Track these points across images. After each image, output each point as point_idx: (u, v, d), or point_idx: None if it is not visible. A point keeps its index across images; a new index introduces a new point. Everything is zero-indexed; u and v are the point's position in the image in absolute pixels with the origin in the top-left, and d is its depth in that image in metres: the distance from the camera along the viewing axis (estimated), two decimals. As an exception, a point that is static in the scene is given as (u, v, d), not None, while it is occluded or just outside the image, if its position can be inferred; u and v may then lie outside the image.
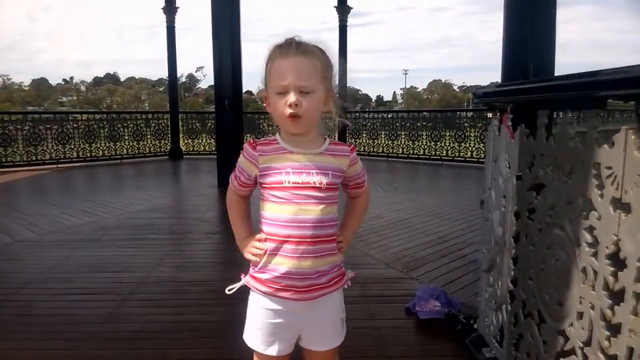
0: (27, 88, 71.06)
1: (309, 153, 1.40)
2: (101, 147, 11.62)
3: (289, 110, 1.32)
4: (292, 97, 1.32)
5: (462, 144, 10.98)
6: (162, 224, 5.35)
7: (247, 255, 1.47)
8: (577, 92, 1.47)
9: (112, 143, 11.77)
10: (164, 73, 12.90)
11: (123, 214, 5.76)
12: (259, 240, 1.44)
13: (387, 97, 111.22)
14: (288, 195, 1.37)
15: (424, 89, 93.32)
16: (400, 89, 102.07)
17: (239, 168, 1.45)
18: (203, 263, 3.97)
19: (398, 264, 3.79)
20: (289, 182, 1.37)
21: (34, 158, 10.57)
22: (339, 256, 1.50)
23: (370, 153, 12.06)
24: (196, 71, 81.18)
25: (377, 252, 4.12)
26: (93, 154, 11.44)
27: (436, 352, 2.48)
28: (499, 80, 2.55)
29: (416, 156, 11.51)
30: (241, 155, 1.43)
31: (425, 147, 11.50)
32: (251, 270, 1.48)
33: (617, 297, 1.36)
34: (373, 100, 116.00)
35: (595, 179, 1.42)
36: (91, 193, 7.34)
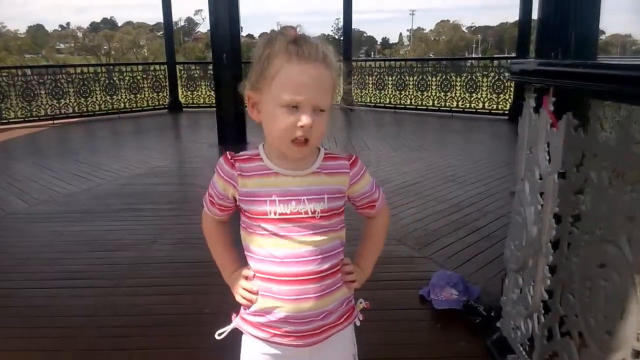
0: (23, 35, 69.45)
1: (298, 175, 1.12)
2: (98, 102, 11.24)
3: (298, 133, 1.04)
4: (306, 119, 1.03)
5: (474, 94, 10.50)
6: (160, 191, 5.11)
7: (238, 298, 1.21)
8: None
9: (108, 97, 11.37)
10: (160, 17, 12.22)
11: (119, 178, 5.51)
12: (247, 278, 1.18)
13: (393, 39, 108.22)
14: (275, 228, 1.11)
15: (431, 30, 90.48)
16: (407, 30, 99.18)
17: (214, 190, 1.18)
18: (203, 239, 3.74)
19: (410, 239, 3.55)
20: (275, 214, 1.10)
21: (29, 114, 10.24)
22: (345, 292, 1.25)
23: (377, 104, 11.61)
24: (195, 14, 78.85)
25: (387, 224, 3.87)
26: (89, 109, 11.09)
27: (455, 352, 2.26)
28: (514, 23, 2.21)
29: (425, 107, 11.05)
30: (216, 173, 1.16)
31: (435, 97, 11.03)
32: (242, 310, 1.23)
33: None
34: (378, 43, 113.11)
35: (671, 198, 1.13)
36: (86, 154, 7.06)
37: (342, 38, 14.12)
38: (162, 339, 2.38)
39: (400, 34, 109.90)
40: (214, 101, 10.64)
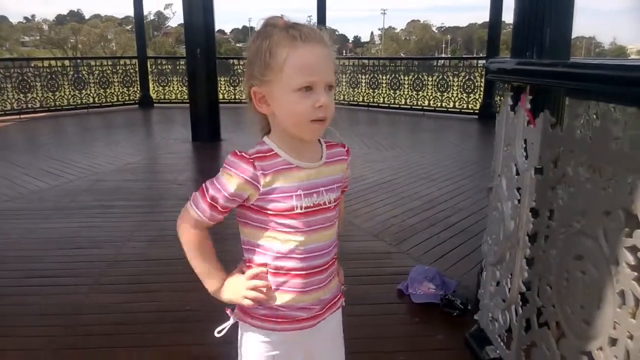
0: (-15, 27, 67.08)
1: (315, 166, 1.13)
2: (66, 96, 10.96)
3: (318, 114, 1.05)
4: (324, 98, 1.04)
5: (445, 93, 10.67)
6: (133, 187, 5.03)
7: (246, 301, 1.14)
8: (632, 89, 1.21)
9: (77, 91, 11.09)
10: (130, 10, 11.97)
11: (90, 175, 5.40)
12: (259, 277, 1.14)
13: (365, 37, 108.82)
14: (298, 223, 1.10)
15: (402, 29, 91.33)
16: (379, 29, 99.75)
17: (222, 192, 1.08)
18: (177, 236, 3.69)
19: (386, 235, 3.60)
20: (301, 208, 1.09)
21: (-6, 109, 9.93)
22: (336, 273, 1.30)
23: (351, 102, 11.67)
24: (165, 8, 77.49)
25: (363, 221, 3.92)
26: (57, 103, 10.80)
27: (433, 345, 2.33)
28: (486, 21, 2.26)
29: (397, 106, 11.17)
30: (228, 174, 1.08)
31: (407, 96, 11.15)
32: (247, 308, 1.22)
33: (666, 334, 1.17)
34: (350, 42, 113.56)
35: (645, 193, 1.19)
36: (56, 149, 6.89)
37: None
38: (145, 337, 2.36)
39: (372, 32, 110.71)
40: (186, 97, 10.55)
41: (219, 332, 1.22)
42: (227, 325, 1.23)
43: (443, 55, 76.40)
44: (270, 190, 1.08)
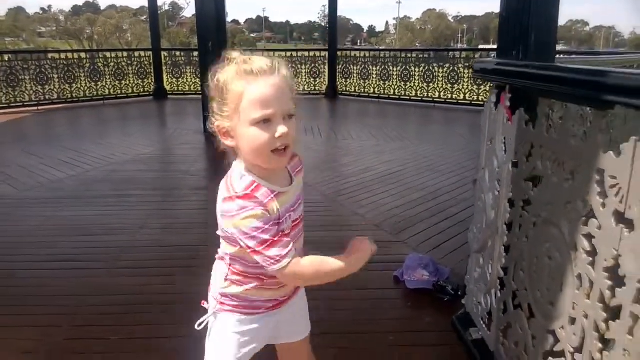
0: (3, 19, 67.92)
1: (290, 188, 1.25)
2: (82, 88, 11.21)
3: (277, 144, 1.13)
4: (281, 129, 1.11)
5: (455, 85, 10.71)
6: (147, 177, 5.23)
7: (365, 260, 1.33)
8: (584, 91, 1.34)
9: (93, 83, 11.34)
10: (145, 1, 12.05)
11: (106, 165, 5.62)
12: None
13: (380, 27, 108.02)
14: (286, 241, 1.19)
15: (417, 19, 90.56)
16: (394, 19, 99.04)
17: (267, 225, 1.13)
18: (189, 224, 3.88)
19: (387, 225, 3.75)
20: (288, 228, 1.23)
21: (13, 100, 10.19)
22: None
23: (361, 94, 11.76)
24: (180, -1, 77.88)
25: (367, 211, 4.07)
26: (74, 95, 11.05)
27: (423, 327, 2.47)
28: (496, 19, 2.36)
29: (408, 97, 11.24)
30: (251, 214, 1.12)
31: (418, 87, 11.21)
32: (229, 300, 1.34)
33: (613, 312, 1.31)
34: (364, 31, 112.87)
35: (597, 185, 1.32)
36: (73, 140, 7.12)
37: (327, 26, 14.11)
38: (157, 316, 2.54)
39: (387, 22, 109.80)
40: (199, 88, 10.73)
41: (199, 325, 1.37)
42: (206, 317, 1.37)
43: (459, 45, 75.63)
44: (274, 217, 1.17)
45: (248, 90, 1.11)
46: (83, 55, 11.89)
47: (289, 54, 12.33)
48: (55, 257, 3.24)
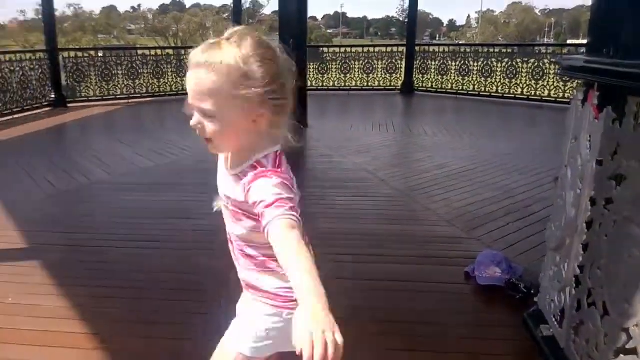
0: (97, 16, 72.80)
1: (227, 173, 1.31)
2: (169, 82, 11.84)
3: (196, 131, 1.17)
4: (192, 121, 1.14)
5: (540, 81, 10.25)
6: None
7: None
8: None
9: (179, 78, 11.94)
10: None
11: (193, 155, 5.93)
12: None
13: (460, 21, 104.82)
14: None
15: (501, 12, 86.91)
16: (476, 12, 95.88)
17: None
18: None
19: (460, 222, 3.72)
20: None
21: (106, 93, 10.97)
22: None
23: (438, 90, 11.55)
24: (261, -4, 79.77)
25: (439, 207, 4.05)
26: (161, 89, 11.71)
27: (493, 322, 2.47)
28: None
29: (488, 94, 10.89)
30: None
31: (499, 83, 10.83)
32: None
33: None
34: (444, 25, 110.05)
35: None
36: (162, 132, 7.59)
37: (407, 20, 13.92)
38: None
39: (469, 15, 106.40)
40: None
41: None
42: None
43: (545, 40, 71.93)
44: None
45: None
46: (170, 52, 12.55)
47: (365, 49, 12.34)
48: (149, 237, 3.52)
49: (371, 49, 12.36)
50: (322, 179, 4.97)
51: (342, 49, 12.52)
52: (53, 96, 9.88)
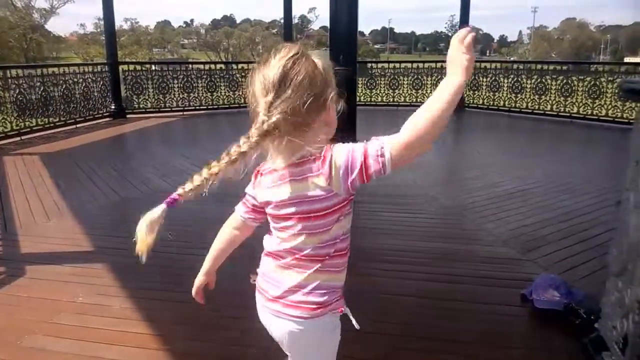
0: (152, 31, 75.77)
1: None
2: (221, 96, 12.19)
3: None
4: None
5: (597, 100, 9.94)
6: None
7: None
8: None
9: (231, 92, 12.28)
10: (276, 15, 12.99)
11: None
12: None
13: (512, 37, 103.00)
14: None
15: (555, 28, 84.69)
16: (528, 28, 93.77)
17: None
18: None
19: (515, 243, 3.67)
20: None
21: (163, 105, 11.41)
22: None
23: (490, 107, 11.38)
24: (308, 12, 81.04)
25: (494, 227, 4.01)
26: (214, 102, 12.06)
27: (550, 347, 2.43)
28: None
29: (542, 112, 10.63)
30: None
31: (554, 101, 10.57)
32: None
33: None
34: (495, 41, 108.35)
35: None
36: (215, 143, 7.82)
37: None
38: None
39: (520, 31, 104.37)
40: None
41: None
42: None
43: (601, 57, 69.57)
44: None
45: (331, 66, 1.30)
46: (222, 66, 12.93)
47: (414, 65, 12.33)
48: (202, 245, 3.57)
49: (420, 65, 12.34)
50: (372, 194, 5.00)
51: (391, 65, 12.56)
52: (113, 107, 10.40)
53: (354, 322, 1.34)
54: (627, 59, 42.91)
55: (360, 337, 2.45)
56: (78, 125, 9.34)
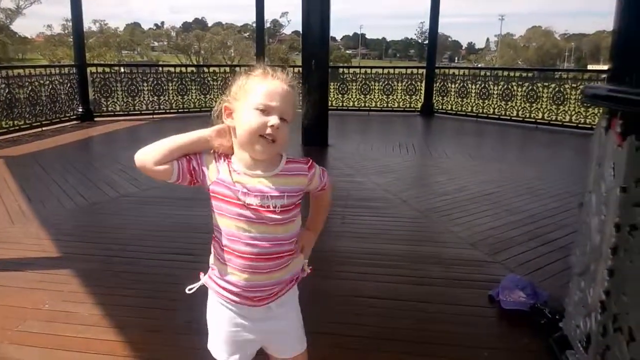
0: (121, 33, 74.42)
1: (262, 176, 1.37)
2: (192, 99, 12.07)
3: (268, 130, 1.32)
4: (274, 119, 1.32)
5: (561, 106, 10.25)
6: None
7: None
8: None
9: (202, 95, 12.17)
10: (248, 18, 13.04)
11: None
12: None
13: (480, 44, 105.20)
14: (240, 213, 1.37)
15: (521, 36, 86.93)
16: (495, 35, 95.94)
17: (199, 157, 1.41)
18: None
19: (483, 245, 3.75)
20: (244, 202, 1.36)
21: (132, 108, 11.23)
22: (298, 263, 1.53)
23: (458, 112, 11.60)
24: (281, 17, 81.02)
25: (461, 229, 4.09)
26: (185, 106, 11.94)
27: (517, 346, 2.49)
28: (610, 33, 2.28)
29: (508, 117, 10.91)
30: (209, 155, 1.41)
31: (520, 107, 10.86)
32: (210, 271, 1.53)
33: None
34: (463, 48, 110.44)
35: None
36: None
37: (426, 42, 14.00)
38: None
39: (488, 39, 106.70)
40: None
41: (190, 289, 1.57)
42: (197, 285, 1.57)
43: (565, 64, 71.63)
44: (221, 179, 1.38)
45: (263, 83, 1.36)
46: (194, 69, 12.81)
47: (385, 70, 12.48)
48: (178, 249, 3.61)
49: (391, 70, 12.49)
50: (344, 197, 5.04)
51: (362, 70, 12.67)
52: (81, 110, 10.18)
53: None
54: (590, 67, 44.30)
55: (334, 339, 2.49)
56: (44, 128, 9.10)
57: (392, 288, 3.08)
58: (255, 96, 1.34)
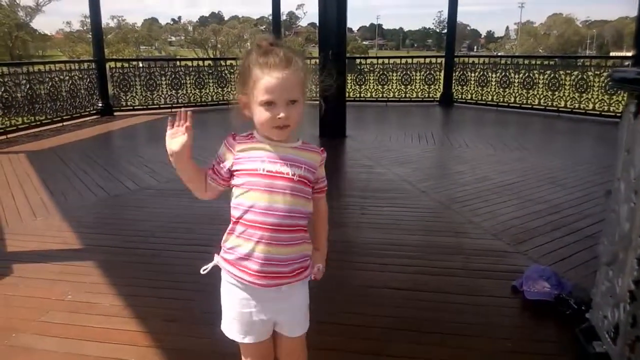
0: (139, 28, 74.91)
1: (283, 146, 1.46)
2: (210, 93, 12.11)
3: (279, 122, 1.39)
4: (282, 113, 1.38)
5: (584, 94, 10.02)
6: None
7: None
8: None
9: (220, 89, 12.20)
10: (264, 11, 12.98)
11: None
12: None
13: (499, 32, 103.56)
14: (261, 182, 1.42)
15: (541, 23, 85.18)
16: (515, 23, 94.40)
17: (216, 155, 1.51)
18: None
19: (505, 236, 3.68)
20: (263, 170, 1.42)
21: (151, 103, 11.31)
22: (308, 245, 1.54)
23: (478, 102, 11.43)
24: (297, 9, 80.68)
25: (483, 220, 4.02)
26: (203, 99, 11.98)
27: (542, 337, 2.44)
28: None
29: (530, 106, 10.70)
30: (222, 145, 1.50)
31: (541, 96, 10.64)
32: (222, 252, 1.54)
33: None
34: (482, 37, 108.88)
35: None
36: (204, 140, 7.74)
37: (444, 31, 13.78)
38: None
39: (507, 27, 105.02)
40: (314, 94, 11.03)
41: (204, 270, 1.59)
42: (210, 265, 1.59)
43: (587, 52, 70.16)
44: (242, 156, 1.45)
45: (259, 79, 1.39)
46: (210, 63, 12.84)
47: (403, 60, 12.34)
48: (199, 240, 3.62)
49: (409, 60, 12.35)
50: (363, 188, 5.01)
51: (380, 61, 12.56)
52: (100, 105, 10.30)
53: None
54: (613, 54, 43.27)
55: (350, 329, 2.47)
56: (65, 123, 9.24)
57: (411, 279, 3.04)
58: (258, 93, 1.39)
